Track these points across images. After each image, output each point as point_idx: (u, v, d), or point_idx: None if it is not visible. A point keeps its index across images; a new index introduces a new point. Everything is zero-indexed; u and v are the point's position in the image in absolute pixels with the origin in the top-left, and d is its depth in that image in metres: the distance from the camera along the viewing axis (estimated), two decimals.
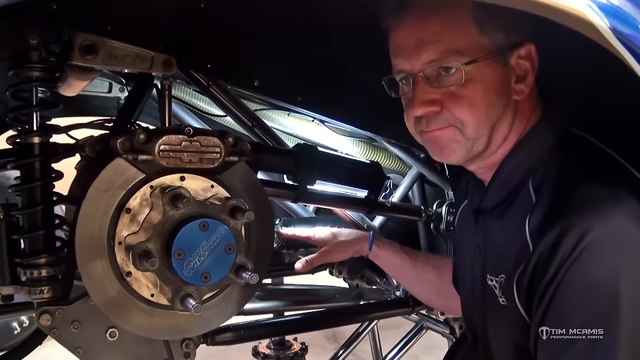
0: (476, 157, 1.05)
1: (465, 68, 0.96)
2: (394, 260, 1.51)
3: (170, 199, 1.00)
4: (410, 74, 1.02)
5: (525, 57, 1.00)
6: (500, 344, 1.06)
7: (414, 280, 1.53)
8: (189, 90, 1.71)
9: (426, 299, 1.59)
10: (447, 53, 0.97)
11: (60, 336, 1.07)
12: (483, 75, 0.98)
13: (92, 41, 1.02)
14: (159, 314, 1.07)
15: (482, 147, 1.03)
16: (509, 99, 1.01)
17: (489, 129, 1.01)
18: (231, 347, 3.19)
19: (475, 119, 0.99)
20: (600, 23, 0.79)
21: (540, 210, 0.95)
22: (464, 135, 1.01)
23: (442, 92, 0.99)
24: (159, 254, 1.00)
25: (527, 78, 1.01)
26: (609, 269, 0.86)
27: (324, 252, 1.48)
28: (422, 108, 1.01)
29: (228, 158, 1.09)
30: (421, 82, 1.00)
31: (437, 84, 0.99)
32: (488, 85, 0.98)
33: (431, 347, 3.16)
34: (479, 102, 0.99)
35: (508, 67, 1.00)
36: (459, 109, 0.99)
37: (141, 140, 1.01)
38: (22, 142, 1.06)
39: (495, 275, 1.04)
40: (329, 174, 1.39)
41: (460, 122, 1.00)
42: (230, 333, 1.33)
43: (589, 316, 0.87)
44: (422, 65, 0.99)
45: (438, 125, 1.02)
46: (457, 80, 0.97)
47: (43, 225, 1.05)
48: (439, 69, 0.98)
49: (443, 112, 1.00)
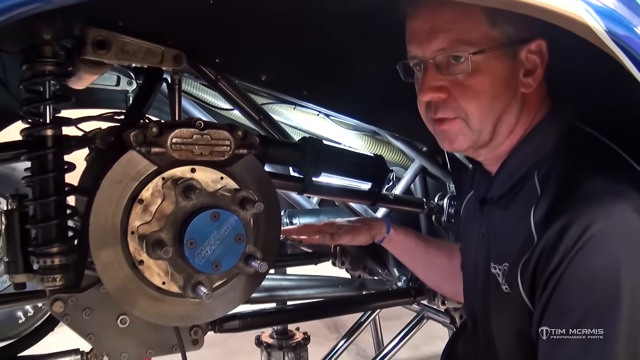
0: (482, 147, 1.07)
1: (473, 58, 0.99)
2: (409, 244, 1.52)
3: (182, 190, 1.02)
4: (422, 61, 1.05)
5: (536, 51, 1.02)
6: (502, 331, 1.09)
7: (428, 265, 1.54)
8: (195, 83, 1.74)
9: (437, 286, 1.61)
10: (456, 42, 1.00)
11: (72, 322, 1.10)
12: (491, 67, 1.00)
13: (105, 36, 1.04)
14: (170, 302, 1.09)
15: (488, 138, 1.05)
16: (515, 91, 1.03)
17: (493, 120, 1.03)
18: (234, 337, 3.22)
19: (480, 109, 1.02)
20: (597, 26, 0.83)
21: (545, 202, 0.97)
22: (469, 127, 1.03)
23: (450, 80, 1.02)
24: (172, 243, 1.03)
25: (535, 72, 1.03)
26: (611, 260, 0.89)
27: (352, 231, 1.48)
28: (430, 94, 1.04)
29: (237, 151, 1.11)
30: (431, 69, 1.03)
31: (446, 71, 1.02)
32: (495, 77, 1.01)
33: (431, 338, 3.18)
34: (485, 93, 1.01)
35: (517, 61, 1.02)
36: (465, 98, 1.02)
37: (154, 133, 1.04)
38: (36, 134, 1.08)
39: (499, 264, 1.06)
40: (334, 166, 1.41)
41: (464, 112, 1.02)
42: (237, 321, 1.36)
43: (591, 305, 0.89)
44: (432, 53, 1.02)
45: (445, 114, 1.04)
46: (465, 69, 1.00)
47: (56, 215, 1.07)
48: (449, 57, 1.01)
49: (449, 100, 1.03)
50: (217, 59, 1.22)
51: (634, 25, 0.87)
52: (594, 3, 0.83)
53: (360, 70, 1.39)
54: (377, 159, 1.50)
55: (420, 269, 1.57)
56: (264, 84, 1.30)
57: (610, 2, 0.86)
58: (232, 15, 1.17)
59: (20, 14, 0.69)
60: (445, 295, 1.68)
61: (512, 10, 0.85)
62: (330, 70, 1.38)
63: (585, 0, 0.82)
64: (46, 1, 0.70)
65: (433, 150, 1.73)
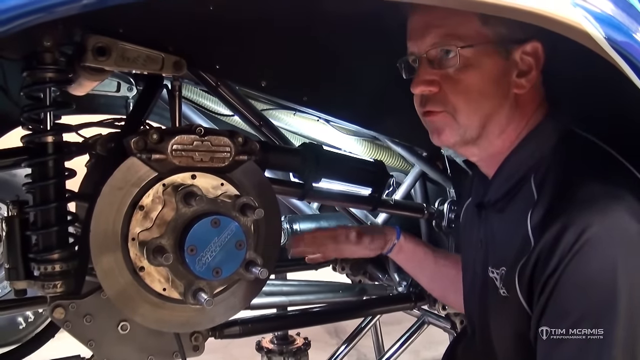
0: (471, 144, 1.08)
1: (462, 52, 1.01)
2: (418, 252, 1.52)
3: (183, 196, 1.02)
4: (417, 56, 1.08)
5: (531, 53, 1.03)
6: (500, 335, 1.09)
7: (435, 274, 1.53)
8: (195, 89, 1.74)
9: (443, 295, 1.60)
10: (448, 37, 1.02)
11: (73, 329, 1.10)
12: (481, 63, 1.02)
13: (105, 43, 1.04)
14: (171, 308, 1.09)
15: (475, 134, 1.06)
16: (507, 91, 1.04)
17: (481, 117, 1.04)
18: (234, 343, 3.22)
19: (467, 104, 1.03)
20: (596, 33, 0.84)
21: (542, 206, 0.98)
22: (456, 121, 1.05)
23: (441, 74, 1.04)
24: (172, 250, 1.03)
25: (530, 74, 1.04)
26: (607, 263, 0.89)
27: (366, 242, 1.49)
28: (421, 87, 1.06)
29: (238, 157, 1.11)
30: (424, 63, 1.06)
31: (438, 65, 1.04)
32: (485, 74, 1.02)
33: (432, 343, 3.18)
34: (473, 88, 1.03)
35: (510, 61, 1.03)
36: (454, 92, 1.03)
37: (154, 140, 1.04)
38: (36, 141, 1.08)
39: (497, 268, 1.07)
40: (334, 172, 1.41)
41: (452, 106, 1.04)
42: (238, 327, 1.36)
43: (587, 308, 0.90)
44: (426, 47, 1.05)
45: (433, 107, 1.06)
46: (455, 63, 1.02)
47: (57, 222, 1.07)
48: (441, 52, 1.03)
49: (439, 94, 1.05)
50: (217, 65, 1.22)
51: (633, 31, 0.88)
52: (593, 10, 0.84)
53: (360, 76, 1.40)
54: (377, 164, 1.50)
55: (426, 278, 1.57)
56: (264, 90, 1.30)
57: (609, 9, 0.87)
58: (232, 21, 1.17)
59: (23, 24, 0.69)
60: (449, 305, 1.68)
61: (512, 18, 0.85)
62: (330, 75, 1.38)
63: (584, 7, 0.83)
64: (48, 12, 0.70)
65: (433, 156, 1.73)
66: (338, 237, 1.49)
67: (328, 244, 1.49)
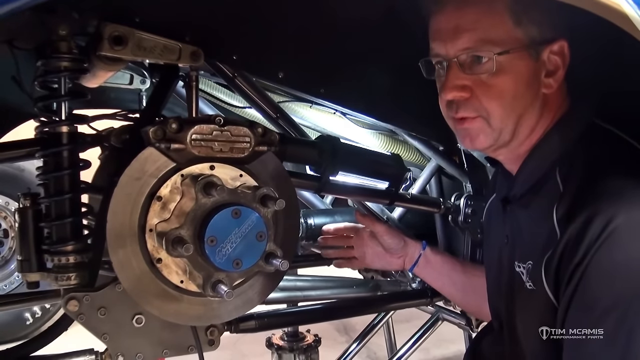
0: (503, 147, 1.08)
1: (498, 58, 0.99)
2: (446, 264, 1.52)
3: (203, 186, 1.01)
4: (445, 59, 1.05)
5: (558, 52, 1.02)
6: (527, 329, 1.08)
7: (466, 286, 1.52)
8: (208, 81, 1.72)
9: (477, 307, 1.54)
10: (481, 42, 0.99)
11: (87, 322, 1.08)
12: (514, 67, 1.00)
13: (122, 32, 1.03)
14: (188, 300, 1.08)
15: (509, 137, 1.05)
16: (537, 92, 1.03)
17: (514, 120, 1.03)
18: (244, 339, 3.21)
19: (502, 108, 1.02)
20: (634, 15, 0.84)
21: (568, 199, 0.97)
22: (490, 126, 1.04)
23: (473, 79, 1.02)
24: (192, 241, 1.01)
25: (557, 73, 1.03)
26: (633, 253, 0.89)
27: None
28: (453, 92, 1.04)
29: (257, 148, 1.10)
30: (454, 68, 1.03)
31: (470, 70, 1.02)
32: (518, 77, 1.01)
33: (442, 341, 3.16)
34: (507, 93, 1.01)
35: (539, 61, 1.02)
36: (488, 97, 1.02)
37: (173, 129, 1.02)
38: (51, 131, 1.07)
39: (523, 262, 1.06)
40: (351, 165, 1.39)
41: (486, 111, 1.02)
42: (254, 321, 1.34)
43: (615, 298, 0.90)
44: (457, 51, 1.02)
45: (466, 113, 1.04)
46: (489, 69, 1.00)
47: (71, 213, 1.06)
48: (473, 57, 1.01)
49: (472, 100, 1.03)
50: (234, 56, 1.20)
51: None
52: None
53: (377, 69, 1.39)
54: (394, 158, 1.49)
55: (459, 291, 1.56)
56: (281, 82, 1.29)
57: None
58: (250, 11, 1.16)
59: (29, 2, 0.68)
60: (484, 319, 1.62)
61: None
62: (348, 68, 1.37)
63: None
64: None
65: (450, 150, 1.72)
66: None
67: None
